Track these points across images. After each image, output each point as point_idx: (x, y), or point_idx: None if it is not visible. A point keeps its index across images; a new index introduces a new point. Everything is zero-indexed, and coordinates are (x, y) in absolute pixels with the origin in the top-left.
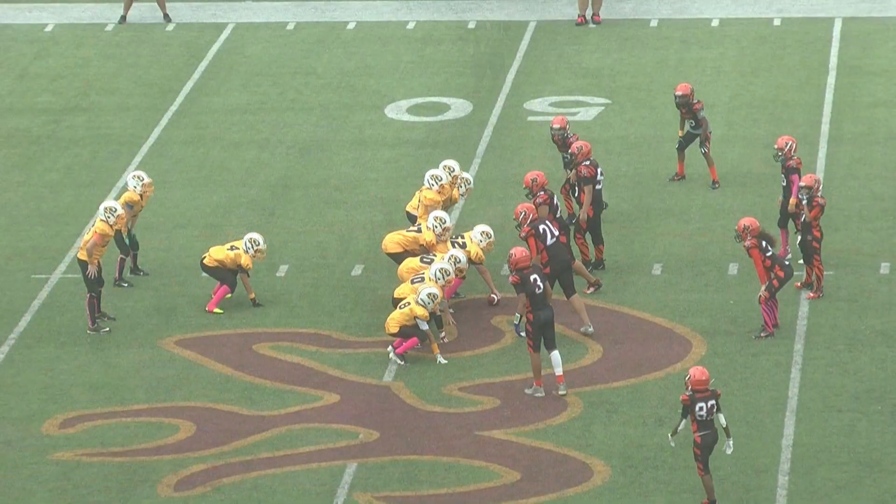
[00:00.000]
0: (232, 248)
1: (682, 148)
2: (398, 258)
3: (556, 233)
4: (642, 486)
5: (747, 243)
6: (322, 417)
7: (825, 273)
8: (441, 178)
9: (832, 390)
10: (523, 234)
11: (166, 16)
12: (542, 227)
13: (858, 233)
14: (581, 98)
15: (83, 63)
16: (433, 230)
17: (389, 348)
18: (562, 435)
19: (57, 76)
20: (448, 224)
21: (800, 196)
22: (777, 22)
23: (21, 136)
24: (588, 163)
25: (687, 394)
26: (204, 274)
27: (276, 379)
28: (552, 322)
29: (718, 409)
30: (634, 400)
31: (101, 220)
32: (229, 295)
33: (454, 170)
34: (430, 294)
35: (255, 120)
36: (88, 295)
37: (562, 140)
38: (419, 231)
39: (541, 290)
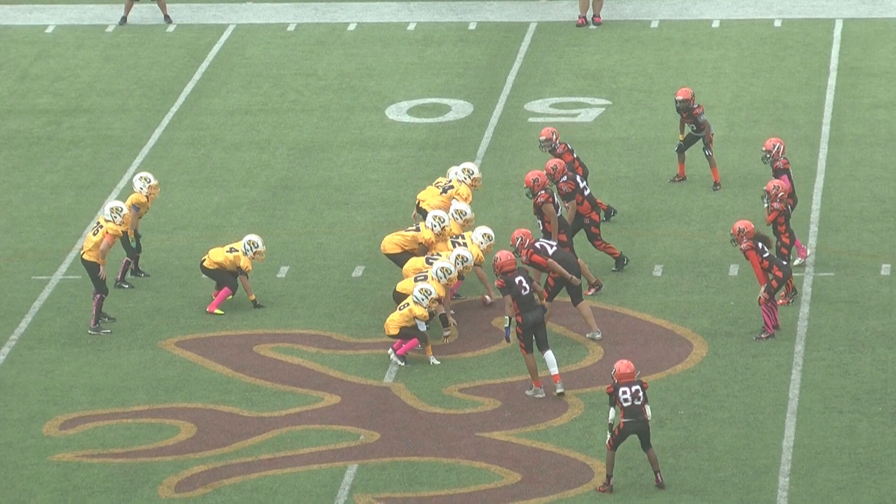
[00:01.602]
0: (231, 251)
1: (682, 150)
2: (398, 259)
3: (554, 243)
4: (643, 488)
5: (743, 246)
6: (323, 419)
7: (824, 274)
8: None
9: (833, 392)
10: (525, 258)
11: (167, 17)
12: (538, 244)
13: (859, 234)
14: (582, 99)
15: (84, 64)
16: (432, 229)
17: (390, 350)
18: (563, 436)
19: (57, 77)
20: (469, 215)
21: (762, 199)
22: (778, 23)
23: (21, 138)
24: (565, 179)
25: (611, 384)
26: (204, 276)
27: (277, 380)
28: (542, 322)
29: (645, 401)
30: None
31: (107, 219)
32: (230, 296)
33: (473, 172)
34: (422, 290)
35: (255, 121)
36: (99, 296)
37: (551, 151)
38: (417, 230)
39: (527, 292)
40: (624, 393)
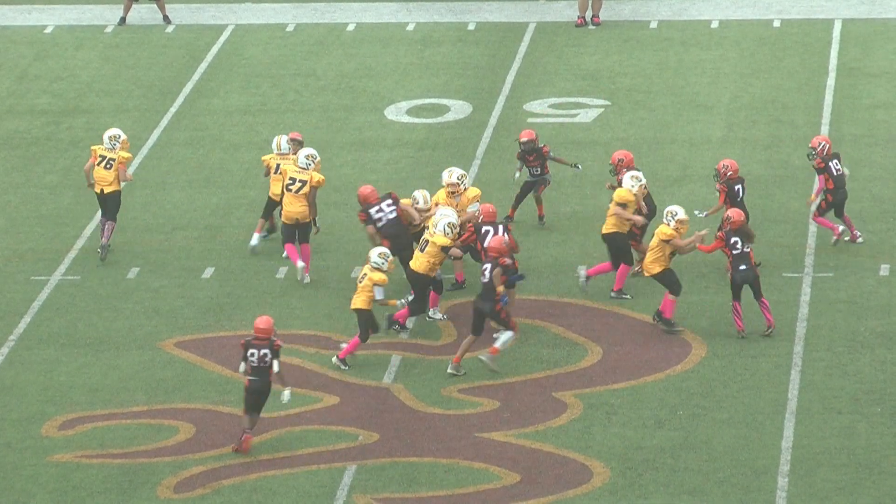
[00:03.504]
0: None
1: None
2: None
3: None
4: (642, 488)
5: (717, 234)
6: (322, 419)
7: (823, 275)
8: (457, 226)
9: (832, 392)
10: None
11: (166, 17)
12: (484, 228)
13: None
14: (580, 100)
15: (83, 65)
16: (446, 236)
17: (335, 359)
18: (561, 437)
19: (56, 78)
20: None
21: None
22: (777, 23)
23: (20, 138)
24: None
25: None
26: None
27: (276, 381)
28: (487, 314)
29: (275, 357)
30: (634, 402)
31: (109, 148)
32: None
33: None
34: (449, 224)
35: (254, 121)
36: (113, 224)
37: (532, 152)
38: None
39: (485, 280)
40: (252, 355)
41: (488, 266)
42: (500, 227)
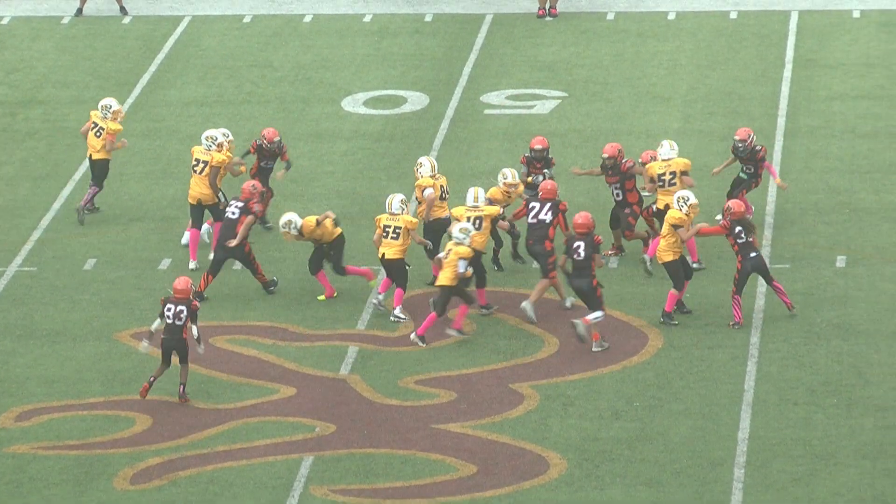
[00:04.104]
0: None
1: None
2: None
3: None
4: (598, 479)
5: (722, 223)
6: (278, 410)
7: (780, 266)
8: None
9: (788, 383)
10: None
11: (122, 8)
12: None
13: (814, 226)
14: (537, 91)
15: (39, 56)
16: (463, 243)
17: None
18: (518, 428)
19: (13, 69)
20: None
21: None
22: (733, 15)
23: None
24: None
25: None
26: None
27: (233, 372)
28: (587, 291)
29: (191, 317)
30: (590, 393)
31: (103, 117)
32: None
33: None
34: (462, 229)
35: (211, 113)
36: (97, 188)
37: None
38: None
39: (580, 258)
40: (168, 310)
41: (581, 243)
42: (550, 205)
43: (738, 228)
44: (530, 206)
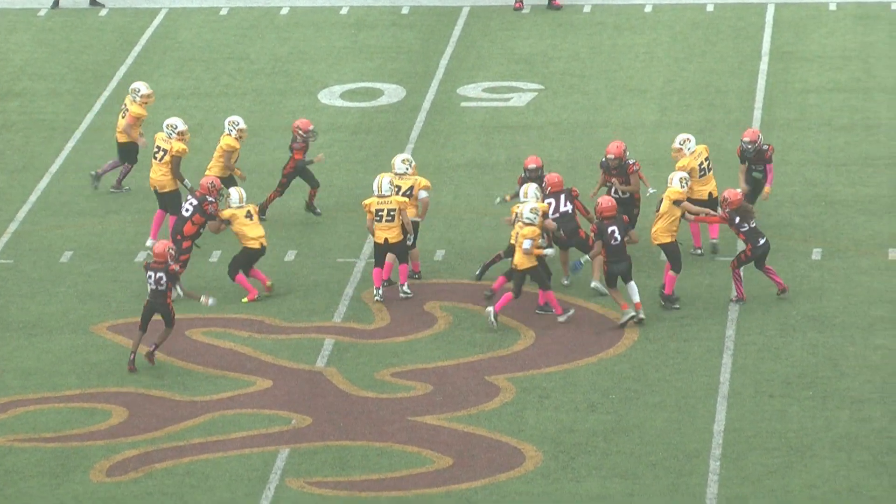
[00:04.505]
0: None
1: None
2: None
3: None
4: (574, 472)
5: (721, 214)
6: (255, 403)
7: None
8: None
9: (763, 376)
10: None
11: (93, 1)
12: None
13: (790, 218)
14: (514, 84)
15: (16, 48)
16: (533, 223)
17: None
18: (494, 420)
19: None
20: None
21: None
22: (710, 8)
23: None
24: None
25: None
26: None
27: (209, 364)
28: (627, 272)
29: (171, 279)
30: (566, 385)
31: (133, 101)
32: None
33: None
34: (532, 209)
35: (188, 105)
36: (127, 165)
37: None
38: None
39: (617, 242)
40: (740, 222)
41: (614, 227)
42: (564, 196)
43: (736, 218)
44: (546, 201)
